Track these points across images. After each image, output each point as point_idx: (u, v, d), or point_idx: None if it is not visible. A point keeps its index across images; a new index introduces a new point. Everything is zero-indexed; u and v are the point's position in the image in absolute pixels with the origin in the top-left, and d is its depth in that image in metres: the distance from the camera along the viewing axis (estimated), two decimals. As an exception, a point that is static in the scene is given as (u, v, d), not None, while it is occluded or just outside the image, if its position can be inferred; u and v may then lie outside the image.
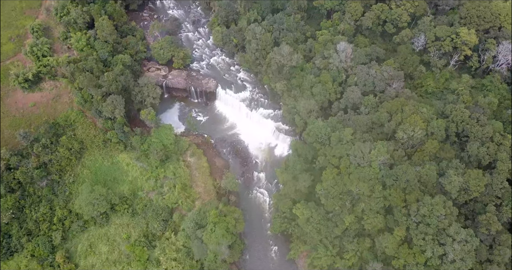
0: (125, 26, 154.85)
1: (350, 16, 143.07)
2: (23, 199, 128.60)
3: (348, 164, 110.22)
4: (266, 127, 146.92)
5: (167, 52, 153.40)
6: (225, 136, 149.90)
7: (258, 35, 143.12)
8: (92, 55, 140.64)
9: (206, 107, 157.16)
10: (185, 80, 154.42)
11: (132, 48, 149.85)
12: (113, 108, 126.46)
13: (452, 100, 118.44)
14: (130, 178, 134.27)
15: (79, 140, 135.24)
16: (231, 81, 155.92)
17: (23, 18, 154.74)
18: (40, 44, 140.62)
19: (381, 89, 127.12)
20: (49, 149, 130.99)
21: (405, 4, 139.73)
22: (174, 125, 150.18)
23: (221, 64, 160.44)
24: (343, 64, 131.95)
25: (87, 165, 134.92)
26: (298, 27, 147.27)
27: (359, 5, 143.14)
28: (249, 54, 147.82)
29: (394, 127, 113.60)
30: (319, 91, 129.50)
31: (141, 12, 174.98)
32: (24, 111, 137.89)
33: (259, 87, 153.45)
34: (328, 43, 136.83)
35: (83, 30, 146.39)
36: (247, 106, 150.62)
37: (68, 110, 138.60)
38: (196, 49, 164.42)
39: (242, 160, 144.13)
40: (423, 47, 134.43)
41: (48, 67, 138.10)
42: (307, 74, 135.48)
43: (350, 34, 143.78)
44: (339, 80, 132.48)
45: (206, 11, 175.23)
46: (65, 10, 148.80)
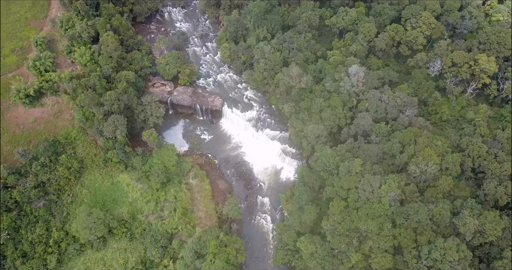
0: (131, 40, 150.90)
1: (363, 37, 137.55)
2: (20, 219, 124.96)
3: (356, 198, 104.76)
4: (272, 148, 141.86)
5: (173, 68, 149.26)
6: (229, 157, 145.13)
7: (267, 54, 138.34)
8: (95, 71, 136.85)
9: (211, 125, 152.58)
10: (190, 97, 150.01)
11: (137, 64, 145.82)
12: (114, 129, 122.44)
13: (469, 132, 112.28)
14: (130, 200, 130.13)
15: (79, 159, 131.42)
16: (237, 99, 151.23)
17: (28, 29, 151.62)
18: (43, 58, 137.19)
19: (394, 116, 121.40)
20: (48, 168, 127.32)
21: (421, 26, 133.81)
22: (178, 143, 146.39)
23: (228, 81, 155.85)
24: (354, 88, 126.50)
25: (86, 184, 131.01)
26: (309, 46, 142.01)
27: (372, 26, 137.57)
28: (257, 73, 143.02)
29: (406, 160, 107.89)
30: (329, 116, 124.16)
31: (149, 24, 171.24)
32: (24, 127, 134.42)
33: (266, 106, 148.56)
34: (340, 66, 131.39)
35: (87, 44, 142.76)
36: (253, 126, 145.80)
37: (69, 127, 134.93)
38: (203, 65, 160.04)
39: (246, 182, 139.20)
40: (439, 72, 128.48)
41: (50, 83, 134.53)
42: (316, 97, 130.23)
43: (363, 56, 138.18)
44: (350, 104, 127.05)
45: (214, 25, 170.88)
46: (70, 22, 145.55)
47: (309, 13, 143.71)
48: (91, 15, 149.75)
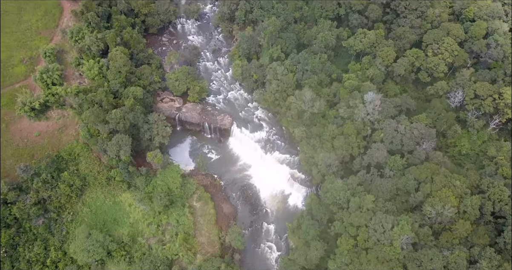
0: (141, 54, 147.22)
1: (381, 61, 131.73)
2: (18, 236, 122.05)
3: (366, 237, 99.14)
4: (281, 173, 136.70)
5: (182, 84, 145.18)
6: (236, 178, 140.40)
7: (279, 75, 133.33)
8: (103, 86, 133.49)
9: (219, 145, 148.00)
10: (199, 115, 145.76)
11: (146, 79, 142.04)
12: (118, 149, 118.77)
13: (490, 172, 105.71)
14: (131, 221, 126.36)
15: (82, 176, 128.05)
16: (247, 119, 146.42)
17: (38, 38, 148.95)
18: (51, 70, 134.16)
19: (410, 148, 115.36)
20: (49, 185, 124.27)
21: (443, 53, 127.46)
22: (184, 162, 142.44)
23: (238, 99, 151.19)
24: (369, 116, 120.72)
25: (88, 203, 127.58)
26: (324, 68, 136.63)
27: (391, 50, 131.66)
28: (268, 93, 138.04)
29: (422, 199, 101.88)
30: (341, 145, 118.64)
31: (161, 36, 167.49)
32: (28, 141, 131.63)
33: (277, 128, 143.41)
34: (355, 91, 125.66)
35: (96, 57, 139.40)
36: (262, 148, 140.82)
37: (73, 143, 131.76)
38: (214, 81, 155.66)
39: (252, 207, 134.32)
40: (460, 103, 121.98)
41: (56, 97, 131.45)
42: (329, 123, 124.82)
43: (380, 81, 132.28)
44: (364, 133, 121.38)
45: (227, 39, 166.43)
46: (81, 34, 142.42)
47: (326, 33, 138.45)
48: (102, 27, 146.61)
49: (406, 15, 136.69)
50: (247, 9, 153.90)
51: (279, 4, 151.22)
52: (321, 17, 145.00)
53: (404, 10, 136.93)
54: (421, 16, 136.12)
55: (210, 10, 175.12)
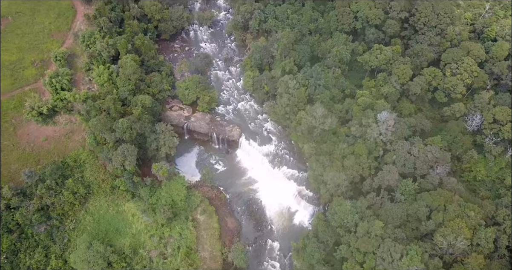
0: (152, 61, 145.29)
1: (396, 79, 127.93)
2: (20, 242, 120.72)
3: (373, 265, 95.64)
4: (288, 189, 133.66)
5: (192, 93, 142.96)
6: (241, 192, 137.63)
7: (291, 89, 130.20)
8: (111, 92, 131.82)
9: (226, 156, 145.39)
10: (208, 125, 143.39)
11: (156, 87, 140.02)
12: (124, 159, 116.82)
13: (506, 203, 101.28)
14: (134, 231, 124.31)
15: (86, 184, 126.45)
16: (256, 131, 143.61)
17: (50, 41, 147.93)
18: (60, 75, 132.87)
19: (423, 172, 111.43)
20: (53, 191, 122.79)
21: (462, 73, 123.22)
22: (190, 172, 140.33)
23: (248, 110, 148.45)
24: (382, 137, 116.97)
25: (91, 211, 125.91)
26: (337, 83, 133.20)
27: (408, 68, 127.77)
28: (279, 107, 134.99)
29: (433, 228, 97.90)
30: (351, 165, 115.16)
31: (173, 42, 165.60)
32: (34, 145, 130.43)
33: (286, 142, 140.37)
34: (368, 110, 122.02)
35: (106, 63, 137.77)
36: (270, 162, 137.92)
37: (80, 149, 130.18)
38: (225, 91, 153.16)
39: (257, 223, 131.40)
40: (478, 127, 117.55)
41: (64, 102, 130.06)
42: (340, 141, 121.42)
43: (394, 99, 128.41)
44: (376, 154, 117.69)
45: (240, 48, 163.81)
46: (92, 38, 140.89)
47: (341, 47, 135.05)
48: (114, 32, 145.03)
49: (425, 32, 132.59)
50: (261, 19, 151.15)
51: (294, 14, 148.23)
52: (336, 30, 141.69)
53: (423, 27, 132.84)
54: (440, 33, 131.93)
55: (224, 17, 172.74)
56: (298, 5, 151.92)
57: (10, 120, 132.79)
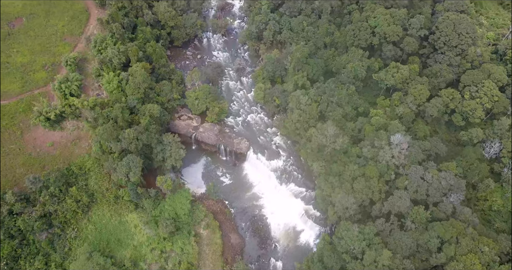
0: (162, 69, 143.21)
1: (413, 99, 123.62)
2: (20, 248, 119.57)
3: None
4: (295, 207, 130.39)
5: (202, 103, 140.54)
6: (247, 207, 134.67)
7: (302, 105, 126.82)
8: (120, 100, 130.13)
9: (233, 168, 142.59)
10: (216, 136, 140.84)
11: (165, 96, 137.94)
12: (128, 170, 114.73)
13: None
14: (135, 243, 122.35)
15: (90, 192, 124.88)
16: (265, 145, 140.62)
17: (62, 44, 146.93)
18: (70, 80, 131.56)
19: (436, 200, 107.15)
20: (57, 198, 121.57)
21: (481, 97, 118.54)
22: (196, 183, 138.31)
23: (258, 123, 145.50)
24: (394, 160, 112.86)
25: (93, 220, 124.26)
26: (350, 100, 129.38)
27: (425, 89, 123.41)
28: (289, 122, 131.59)
29: (444, 261, 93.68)
30: (361, 189, 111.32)
31: (185, 49, 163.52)
32: (40, 150, 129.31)
33: (295, 158, 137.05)
34: (381, 131, 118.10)
35: (117, 70, 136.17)
36: (277, 178, 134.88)
37: (85, 157, 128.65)
38: (235, 102, 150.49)
39: (261, 240, 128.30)
40: (496, 155, 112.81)
41: (72, 108, 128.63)
42: (351, 162, 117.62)
43: (409, 120, 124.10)
44: (387, 178, 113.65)
45: (253, 58, 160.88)
46: (104, 44, 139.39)
47: (356, 63, 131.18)
48: (126, 38, 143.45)
49: (445, 51, 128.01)
50: (276, 30, 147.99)
51: (310, 27, 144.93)
52: (352, 45, 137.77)
53: (443, 46, 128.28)
54: (461, 53, 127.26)
55: (238, 26, 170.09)
56: (314, 17, 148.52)
57: (18, 124, 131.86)
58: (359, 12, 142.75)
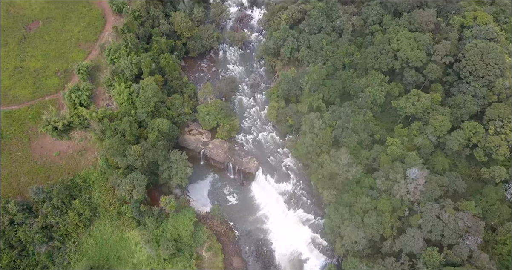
0: (175, 82, 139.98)
1: (433, 131, 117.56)
2: (20, 259, 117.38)
3: None
4: (301, 234, 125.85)
5: (213, 119, 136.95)
6: (252, 230, 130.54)
7: (316, 129, 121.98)
8: (130, 113, 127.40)
9: (240, 188, 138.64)
10: (225, 153, 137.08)
11: (176, 110, 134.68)
12: (132, 188, 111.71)
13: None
14: (135, 261, 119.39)
15: (93, 206, 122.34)
16: (274, 166, 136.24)
17: (76, 51, 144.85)
18: (81, 89, 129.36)
19: (451, 242, 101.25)
20: (59, 210, 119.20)
21: (507, 133, 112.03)
22: (202, 201, 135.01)
23: (269, 142, 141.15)
24: (409, 196, 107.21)
25: (94, 234, 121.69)
26: (367, 127, 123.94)
27: (446, 120, 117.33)
28: (301, 145, 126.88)
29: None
30: (372, 224, 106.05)
31: (200, 61, 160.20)
32: (46, 160, 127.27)
33: (305, 182, 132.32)
34: (397, 162, 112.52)
35: (128, 81, 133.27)
36: (285, 202, 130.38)
37: (91, 169, 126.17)
38: (247, 118, 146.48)
39: (264, 266, 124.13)
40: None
41: (81, 118, 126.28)
42: (363, 193, 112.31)
43: (428, 152, 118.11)
44: (400, 213, 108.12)
45: (269, 74, 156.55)
46: (118, 53, 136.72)
47: (375, 88, 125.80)
48: (140, 48, 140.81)
49: (470, 81, 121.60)
50: (294, 47, 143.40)
51: (329, 46, 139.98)
52: (373, 68, 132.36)
53: (468, 75, 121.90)
54: (487, 85, 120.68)
55: (256, 39, 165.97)
56: (335, 36, 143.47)
57: (26, 131, 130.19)
58: (382, 33, 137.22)
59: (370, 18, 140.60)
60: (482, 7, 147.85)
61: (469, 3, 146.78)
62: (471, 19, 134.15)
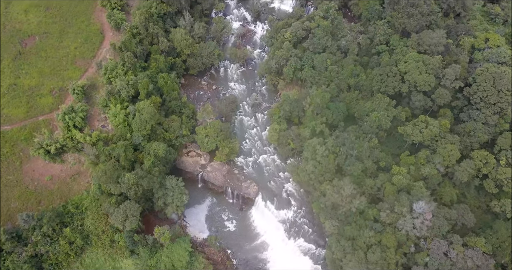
0: (173, 102, 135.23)
1: (441, 160, 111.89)
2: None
3: None
4: (302, 265, 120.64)
5: (212, 141, 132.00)
6: (250, 259, 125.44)
7: (319, 156, 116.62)
8: (125, 136, 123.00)
9: (239, 213, 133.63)
10: (224, 177, 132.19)
11: (173, 132, 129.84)
12: (124, 218, 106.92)
13: None
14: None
15: (85, 234, 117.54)
16: (275, 191, 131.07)
17: (72, 68, 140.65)
18: (75, 111, 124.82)
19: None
20: (50, 238, 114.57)
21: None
22: (199, 227, 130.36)
23: (270, 166, 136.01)
24: (416, 231, 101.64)
25: (86, 263, 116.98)
26: (372, 154, 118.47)
27: (456, 149, 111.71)
28: (303, 172, 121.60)
29: None
30: (376, 260, 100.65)
31: (201, 78, 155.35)
32: (38, 184, 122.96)
33: (306, 209, 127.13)
34: (403, 194, 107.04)
35: (125, 102, 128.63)
36: (285, 231, 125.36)
37: (84, 194, 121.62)
38: (247, 140, 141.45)
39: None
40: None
41: (74, 141, 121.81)
42: (367, 227, 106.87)
43: (435, 182, 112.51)
44: (405, 249, 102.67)
45: (271, 93, 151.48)
46: (115, 72, 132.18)
47: (381, 113, 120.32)
48: (138, 67, 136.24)
49: (481, 108, 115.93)
50: (297, 67, 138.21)
51: (334, 66, 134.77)
52: (379, 91, 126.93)
53: (479, 101, 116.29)
54: (499, 112, 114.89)
55: (259, 55, 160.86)
56: (340, 56, 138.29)
57: (18, 153, 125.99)
58: (389, 54, 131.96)
59: (377, 37, 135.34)
60: (494, 26, 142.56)
61: (480, 22, 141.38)
62: (482, 40, 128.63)
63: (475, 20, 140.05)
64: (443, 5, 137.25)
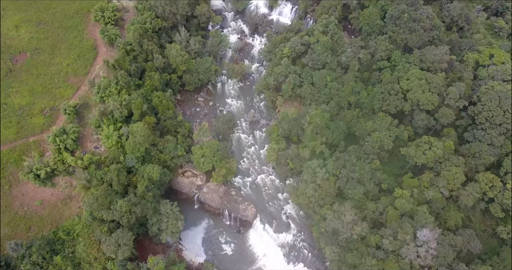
0: (168, 122, 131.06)
1: (445, 183, 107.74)
2: None
3: None
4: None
5: (208, 162, 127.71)
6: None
7: (318, 179, 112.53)
8: (118, 159, 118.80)
9: (237, 236, 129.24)
10: (220, 199, 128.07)
11: (168, 153, 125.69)
12: (117, 248, 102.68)
13: None
14: None
15: (76, 262, 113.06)
16: (274, 213, 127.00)
17: (64, 86, 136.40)
18: (67, 132, 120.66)
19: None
20: (39, 267, 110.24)
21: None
22: (195, 251, 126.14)
23: (268, 186, 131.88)
24: (420, 260, 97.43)
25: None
26: (373, 176, 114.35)
27: (460, 172, 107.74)
28: (302, 195, 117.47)
29: None
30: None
31: (197, 94, 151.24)
32: (28, 209, 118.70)
33: (306, 233, 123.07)
34: (406, 220, 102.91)
35: (118, 122, 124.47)
36: (284, 255, 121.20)
37: (75, 219, 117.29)
38: (245, 159, 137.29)
39: None
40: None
41: (66, 165, 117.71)
42: (369, 254, 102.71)
43: (439, 206, 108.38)
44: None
45: (269, 109, 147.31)
46: (107, 91, 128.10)
47: (383, 134, 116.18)
48: (132, 85, 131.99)
49: (486, 128, 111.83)
50: (296, 83, 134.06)
51: (334, 82, 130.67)
52: (380, 110, 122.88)
53: (484, 122, 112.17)
54: (505, 133, 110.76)
55: (257, 70, 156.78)
56: (340, 72, 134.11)
57: (8, 176, 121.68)
58: (390, 70, 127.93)
59: (378, 53, 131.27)
60: (498, 40, 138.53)
61: (484, 35, 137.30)
62: (487, 56, 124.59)
63: (479, 33, 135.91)
64: (446, 18, 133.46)
